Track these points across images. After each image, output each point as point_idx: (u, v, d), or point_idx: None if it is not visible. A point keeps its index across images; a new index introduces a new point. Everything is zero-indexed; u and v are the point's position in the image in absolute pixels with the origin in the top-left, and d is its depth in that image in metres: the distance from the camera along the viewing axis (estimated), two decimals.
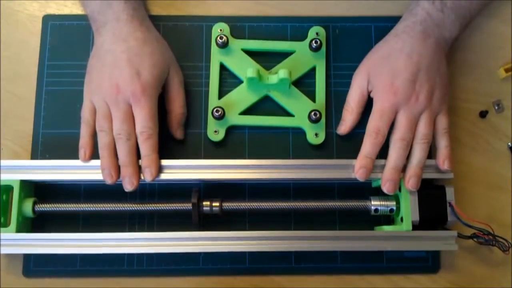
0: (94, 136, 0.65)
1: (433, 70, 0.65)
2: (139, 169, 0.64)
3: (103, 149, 0.63)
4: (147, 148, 0.63)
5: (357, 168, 0.64)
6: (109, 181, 0.63)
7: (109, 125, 0.63)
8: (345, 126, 0.69)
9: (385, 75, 0.65)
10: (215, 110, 0.69)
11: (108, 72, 0.64)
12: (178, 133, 0.69)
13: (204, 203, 0.65)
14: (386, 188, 0.64)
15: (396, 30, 0.68)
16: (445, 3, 0.66)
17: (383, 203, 0.65)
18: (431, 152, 0.70)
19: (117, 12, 0.65)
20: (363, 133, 0.67)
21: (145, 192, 0.69)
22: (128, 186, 0.63)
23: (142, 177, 0.64)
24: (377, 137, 0.64)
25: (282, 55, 0.72)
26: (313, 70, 0.72)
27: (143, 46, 0.65)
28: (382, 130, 0.64)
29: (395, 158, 0.64)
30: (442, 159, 0.65)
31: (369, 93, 0.68)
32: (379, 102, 0.65)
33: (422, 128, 0.64)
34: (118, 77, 0.63)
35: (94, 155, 0.68)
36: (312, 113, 0.69)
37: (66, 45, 0.73)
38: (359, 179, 0.64)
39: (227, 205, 0.66)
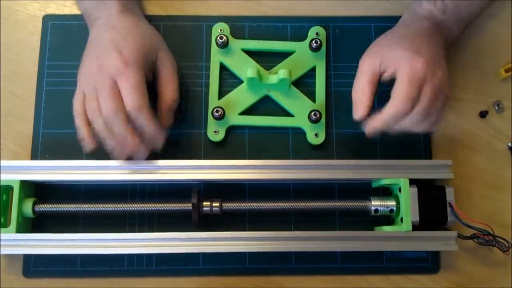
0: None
1: (443, 62, 0.64)
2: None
3: (102, 132, 0.61)
4: (143, 122, 0.61)
5: (371, 130, 0.64)
6: (125, 154, 0.62)
7: (98, 105, 0.61)
8: (362, 109, 0.64)
9: (408, 48, 0.61)
10: (215, 110, 0.69)
11: (95, 56, 0.63)
12: (166, 119, 0.66)
13: (204, 203, 0.65)
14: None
15: (403, 22, 0.68)
16: (447, 5, 0.66)
17: (383, 203, 0.65)
18: (431, 153, 0.70)
19: (110, 8, 0.65)
20: (364, 133, 0.67)
21: (145, 192, 0.69)
22: (141, 156, 0.63)
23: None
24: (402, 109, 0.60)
25: (282, 55, 0.72)
26: (313, 70, 0.72)
27: (130, 29, 0.64)
28: (410, 102, 0.60)
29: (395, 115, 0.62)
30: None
31: (381, 74, 0.64)
32: (408, 69, 0.60)
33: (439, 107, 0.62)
34: (102, 57, 0.62)
35: (93, 155, 0.68)
36: (312, 113, 0.69)
37: (66, 45, 0.73)
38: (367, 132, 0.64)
39: (227, 205, 0.66)
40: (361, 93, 0.64)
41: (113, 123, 0.60)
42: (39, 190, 0.68)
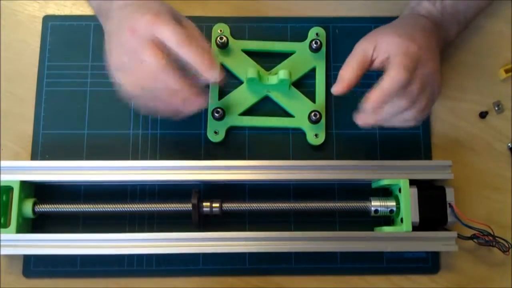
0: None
1: (437, 57, 0.64)
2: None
3: (152, 96, 0.59)
4: (194, 56, 0.57)
5: (369, 106, 0.60)
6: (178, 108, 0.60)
7: (144, 69, 0.57)
8: (342, 84, 0.61)
9: (403, 36, 0.61)
10: (215, 110, 0.69)
11: (123, 28, 0.58)
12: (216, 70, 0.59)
13: (204, 203, 0.65)
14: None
15: (402, 18, 0.68)
16: (445, 6, 0.66)
17: (383, 204, 0.65)
18: (431, 153, 0.70)
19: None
20: (364, 133, 0.68)
21: (145, 192, 0.69)
22: (194, 107, 0.60)
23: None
24: (404, 75, 0.58)
25: (282, 56, 0.72)
26: (313, 70, 0.72)
27: (146, 1, 0.61)
28: (399, 88, 0.58)
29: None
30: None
31: (372, 60, 0.62)
32: (401, 54, 0.59)
33: (423, 103, 0.61)
34: (130, 23, 0.57)
35: (93, 155, 0.68)
36: (312, 113, 0.69)
37: (66, 45, 0.73)
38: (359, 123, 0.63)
39: (227, 206, 0.66)
40: (346, 71, 0.62)
41: (165, 77, 0.57)
42: (39, 191, 0.68)
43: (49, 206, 0.65)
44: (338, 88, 0.62)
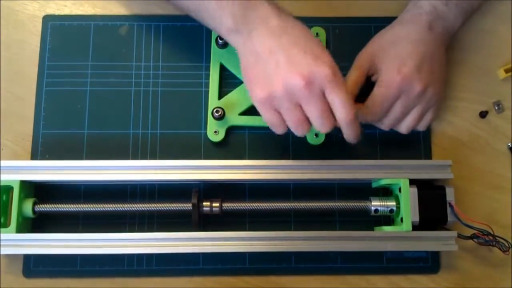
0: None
1: (436, 62, 0.65)
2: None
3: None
4: (351, 132, 0.61)
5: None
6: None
7: (301, 114, 0.58)
8: None
9: (392, 60, 0.65)
10: (215, 110, 0.69)
11: (287, 74, 0.57)
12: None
13: (204, 203, 0.65)
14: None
15: (401, 19, 0.68)
16: None
17: (383, 203, 0.65)
18: (431, 153, 0.70)
19: (265, 14, 0.60)
20: (364, 133, 0.67)
21: (145, 192, 0.69)
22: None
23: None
24: (372, 119, 0.66)
25: None
26: None
27: (304, 31, 0.60)
28: (380, 115, 0.66)
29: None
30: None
31: (369, 76, 0.67)
32: (384, 86, 0.64)
33: (410, 121, 0.66)
34: (300, 69, 0.56)
35: (93, 155, 0.68)
36: None
37: (66, 45, 0.72)
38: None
39: (227, 205, 0.66)
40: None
41: (320, 125, 0.59)
42: (39, 190, 0.68)
43: (49, 206, 0.65)
44: None
